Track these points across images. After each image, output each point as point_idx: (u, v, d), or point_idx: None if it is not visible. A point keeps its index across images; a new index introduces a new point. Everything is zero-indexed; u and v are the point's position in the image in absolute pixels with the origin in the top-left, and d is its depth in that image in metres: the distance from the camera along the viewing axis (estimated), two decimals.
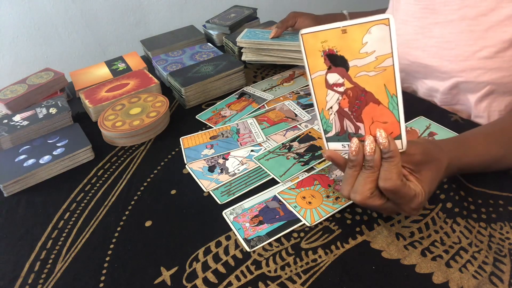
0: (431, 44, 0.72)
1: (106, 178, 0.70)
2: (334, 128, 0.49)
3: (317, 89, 0.47)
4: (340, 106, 0.47)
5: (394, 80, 0.43)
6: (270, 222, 0.56)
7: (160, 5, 1.80)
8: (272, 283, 0.48)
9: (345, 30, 0.43)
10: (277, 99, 0.84)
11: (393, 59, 0.42)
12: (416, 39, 0.74)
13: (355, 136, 0.47)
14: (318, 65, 0.46)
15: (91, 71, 1.03)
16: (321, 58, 0.45)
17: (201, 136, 0.76)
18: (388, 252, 0.50)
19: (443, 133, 0.66)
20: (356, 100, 0.46)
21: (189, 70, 0.91)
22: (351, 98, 0.46)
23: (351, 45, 0.43)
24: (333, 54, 0.44)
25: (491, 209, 0.53)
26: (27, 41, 1.62)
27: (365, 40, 0.42)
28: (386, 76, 0.43)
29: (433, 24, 0.72)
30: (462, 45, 0.67)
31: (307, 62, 0.46)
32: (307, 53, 0.46)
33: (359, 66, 0.44)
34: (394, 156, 0.43)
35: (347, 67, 0.44)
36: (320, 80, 0.47)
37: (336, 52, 0.44)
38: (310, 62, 0.46)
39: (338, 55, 0.44)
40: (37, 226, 0.62)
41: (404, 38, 0.76)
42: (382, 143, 0.44)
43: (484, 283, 0.45)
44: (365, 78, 0.44)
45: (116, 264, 0.54)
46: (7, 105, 0.87)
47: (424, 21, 0.73)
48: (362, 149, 0.45)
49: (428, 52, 0.73)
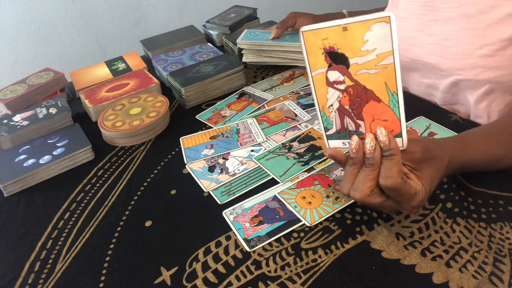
0: (430, 41, 0.72)
1: (106, 178, 0.70)
2: (334, 125, 0.49)
3: (317, 86, 0.47)
4: (340, 104, 0.47)
5: (395, 77, 0.43)
6: (270, 222, 0.56)
7: (160, 5, 1.81)
8: (272, 283, 0.48)
9: (346, 28, 0.42)
10: (277, 99, 0.84)
11: (393, 57, 0.42)
12: (415, 36, 0.74)
13: (356, 134, 0.47)
14: (318, 63, 0.46)
15: (91, 71, 1.03)
16: (321, 56, 0.45)
17: (201, 136, 0.76)
18: (388, 252, 0.50)
19: (443, 133, 0.66)
20: (357, 98, 0.46)
21: (189, 70, 0.91)
22: (352, 96, 0.46)
23: (352, 42, 0.43)
24: (334, 51, 0.44)
25: (491, 209, 0.53)
26: (27, 41, 1.62)
27: (366, 38, 0.42)
28: (386, 74, 0.43)
29: (432, 22, 0.72)
30: (461, 43, 0.67)
31: (308, 59, 0.46)
32: (308, 50, 0.46)
33: (360, 63, 0.44)
34: (395, 154, 0.43)
35: (347, 65, 0.44)
36: (320, 77, 0.47)
37: (337, 50, 0.44)
38: (310, 59, 0.46)
39: (339, 52, 0.44)
40: (37, 226, 0.62)
41: (403, 35, 0.76)
42: (383, 141, 0.44)
43: (484, 283, 0.45)
44: (365, 76, 0.44)
45: (116, 264, 0.54)
46: (7, 105, 0.87)
47: (423, 18, 0.73)
48: (362, 147, 0.45)
49: (427, 49, 0.73)
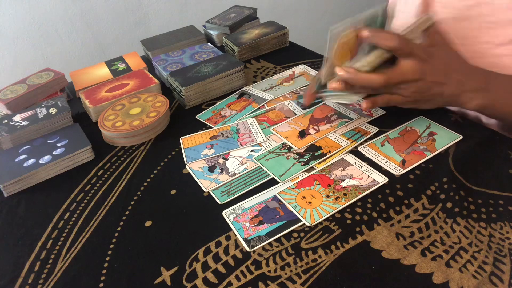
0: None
1: (106, 178, 0.70)
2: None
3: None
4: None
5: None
6: (270, 222, 0.56)
7: (160, 5, 1.81)
8: (272, 283, 0.48)
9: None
10: (277, 99, 0.84)
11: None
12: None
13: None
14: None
15: (91, 71, 1.03)
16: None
17: (201, 136, 0.76)
18: (388, 252, 0.50)
19: (443, 133, 0.66)
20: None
21: (189, 70, 0.91)
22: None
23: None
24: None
25: (491, 209, 0.53)
26: (27, 41, 1.62)
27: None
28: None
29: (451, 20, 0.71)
30: (479, 42, 0.67)
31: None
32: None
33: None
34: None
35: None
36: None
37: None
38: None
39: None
40: (37, 226, 0.62)
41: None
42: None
43: (484, 283, 0.45)
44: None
45: (116, 264, 0.54)
46: (7, 105, 0.87)
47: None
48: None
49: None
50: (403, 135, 0.67)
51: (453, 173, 0.59)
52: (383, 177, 0.60)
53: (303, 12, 2.30)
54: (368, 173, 0.61)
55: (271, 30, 1.06)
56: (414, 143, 0.65)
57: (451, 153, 0.63)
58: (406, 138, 0.67)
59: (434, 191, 0.57)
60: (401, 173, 0.60)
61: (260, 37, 1.03)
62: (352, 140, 0.68)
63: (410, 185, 0.59)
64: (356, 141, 0.68)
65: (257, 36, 1.04)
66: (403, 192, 0.58)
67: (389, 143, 0.66)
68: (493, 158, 0.61)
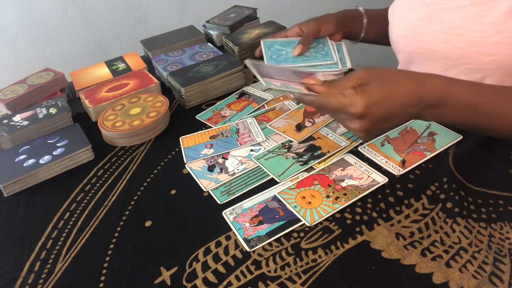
0: (439, 29, 0.72)
1: (106, 178, 0.70)
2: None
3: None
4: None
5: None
6: (270, 222, 0.56)
7: (160, 5, 1.80)
8: (272, 283, 0.48)
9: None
10: (277, 99, 0.84)
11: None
12: (424, 24, 0.74)
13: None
14: None
15: (91, 71, 1.03)
16: None
17: (201, 135, 0.76)
18: (388, 252, 0.50)
19: (443, 133, 0.66)
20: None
21: (189, 70, 0.91)
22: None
23: None
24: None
25: (491, 209, 0.53)
26: (27, 41, 1.62)
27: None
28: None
29: (442, 10, 0.71)
30: (471, 31, 0.67)
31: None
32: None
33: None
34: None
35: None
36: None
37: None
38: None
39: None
40: (37, 226, 0.62)
41: (412, 24, 0.76)
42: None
43: (484, 283, 0.45)
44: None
45: (116, 264, 0.54)
46: (7, 105, 0.87)
47: (433, 7, 0.73)
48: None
49: (436, 37, 0.72)
50: (403, 135, 0.67)
51: (453, 173, 0.59)
52: (383, 177, 0.60)
53: (303, 12, 2.30)
54: (368, 173, 0.61)
55: (271, 30, 1.06)
56: (414, 143, 0.65)
57: (451, 153, 0.63)
58: (406, 138, 0.67)
59: (434, 191, 0.57)
60: (401, 173, 0.60)
61: (260, 37, 1.03)
62: (352, 140, 0.68)
63: (410, 185, 0.59)
64: (356, 141, 0.68)
65: (257, 36, 1.04)
66: (403, 192, 0.58)
67: (389, 143, 0.66)
68: (493, 158, 0.61)
